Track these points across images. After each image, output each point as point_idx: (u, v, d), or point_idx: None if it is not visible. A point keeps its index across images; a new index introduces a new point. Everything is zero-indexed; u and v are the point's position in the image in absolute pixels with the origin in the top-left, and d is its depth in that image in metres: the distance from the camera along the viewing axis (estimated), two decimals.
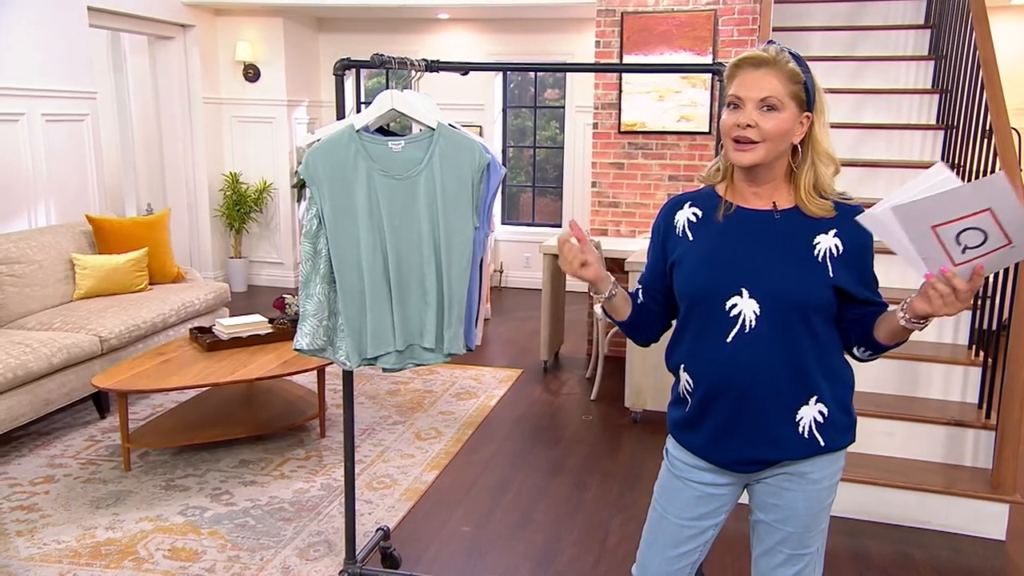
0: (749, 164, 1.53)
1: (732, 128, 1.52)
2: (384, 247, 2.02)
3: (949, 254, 1.37)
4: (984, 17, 3.56)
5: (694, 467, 1.69)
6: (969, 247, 1.36)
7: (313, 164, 1.95)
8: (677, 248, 1.65)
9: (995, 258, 1.38)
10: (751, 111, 1.50)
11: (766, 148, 1.51)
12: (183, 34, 6.22)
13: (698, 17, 4.68)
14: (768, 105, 1.50)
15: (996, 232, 1.34)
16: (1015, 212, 1.31)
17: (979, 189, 1.32)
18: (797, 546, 1.67)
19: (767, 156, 1.52)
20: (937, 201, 1.32)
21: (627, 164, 5.00)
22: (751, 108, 1.50)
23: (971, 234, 1.34)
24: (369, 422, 3.94)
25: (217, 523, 2.89)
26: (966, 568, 2.72)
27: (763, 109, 1.50)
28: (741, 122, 1.50)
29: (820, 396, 1.59)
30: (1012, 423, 2.85)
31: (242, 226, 6.72)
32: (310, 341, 2.04)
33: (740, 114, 1.50)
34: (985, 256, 1.37)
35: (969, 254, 1.36)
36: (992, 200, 1.31)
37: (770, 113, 1.50)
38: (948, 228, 1.34)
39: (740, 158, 1.52)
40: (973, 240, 1.35)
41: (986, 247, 1.35)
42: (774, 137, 1.51)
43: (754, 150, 1.51)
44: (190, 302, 4.44)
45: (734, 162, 1.55)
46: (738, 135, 1.51)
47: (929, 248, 1.37)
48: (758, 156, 1.51)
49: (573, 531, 2.95)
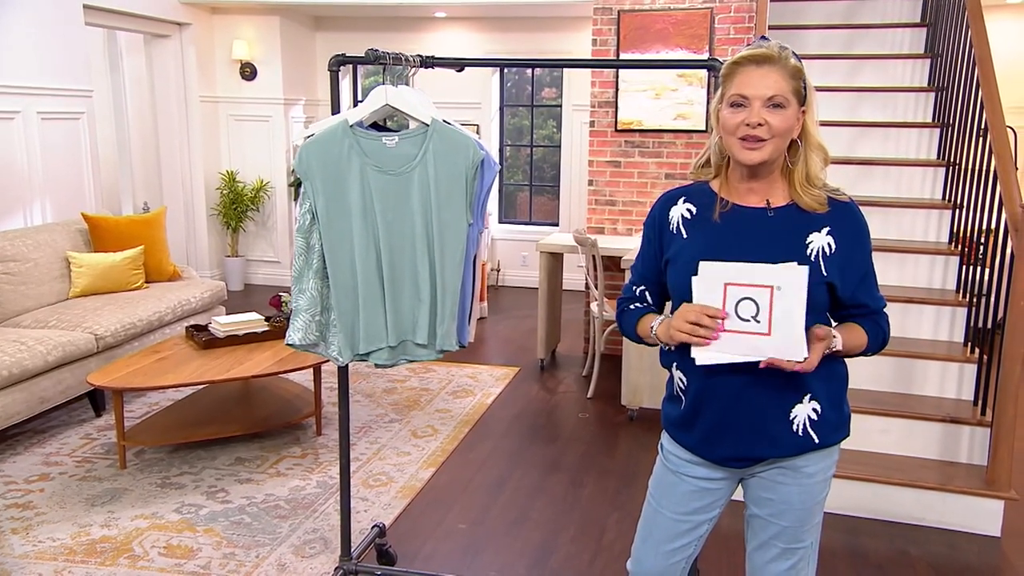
0: (758, 162, 1.52)
1: (739, 127, 1.50)
2: (377, 242, 2.02)
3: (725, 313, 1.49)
4: (980, 15, 3.56)
5: (688, 462, 1.70)
6: (741, 317, 1.48)
7: (307, 159, 1.95)
8: (672, 245, 1.65)
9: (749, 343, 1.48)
10: (759, 109, 1.49)
11: (774, 145, 1.51)
12: (179, 32, 6.21)
13: (694, 15, 4.68)
14: (775, 103, 1.49)
15: (765, 314, 1.46)
16: (793, 306, 1.45)
17: (781, 270, 1.46)
18: (791, 540, 1.67)
19: (774, 153, 1.52)
20: (743, 267, 1.48)
21: (624, 162, 5.00)
22: (759, 106, 1.49)
23: (747, 304, 1.47)
24: (365, 420, 3.94)
25: (213, 520, 2.89)
26: (962, 565, 2.72)
27: (770, 107, 1.49)
28: (751, 121, 1.49)
29: (814, 394, 1.59)
30: (1007, 420, 2.85)
31: (239, 225, 6.71)
32: (302, 336, 2.04)
33: (747, 113, 1.49)
34: (743, 335, 1.48)
35: (736, 324, 1.48)
36: (784, 282, 1.45)
37: (777, 111, 1.50)
38: (735, 290, 1.48)
39: (750, 156, 1.52)
40: (746, 312, 1.47)
41: (750, 327, 1.47)
42: (782, 134, 1.51)
43: (763, 148, 1.51)
44: (186, 300, 4.44)
45: (743, 160, 1.53)
46: (747, 134, 1.50)
47: (712, 302, 1.49)
48: (767, 153, 1.51)
49: (570, 528, 2.95)
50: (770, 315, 1.46)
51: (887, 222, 3.83)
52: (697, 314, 1.48)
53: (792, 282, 1.45)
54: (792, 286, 1.45)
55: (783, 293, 1.45)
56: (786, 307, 1.45)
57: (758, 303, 1.46)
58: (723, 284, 1.47)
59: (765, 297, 1.46)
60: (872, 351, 1.63)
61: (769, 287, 1.45)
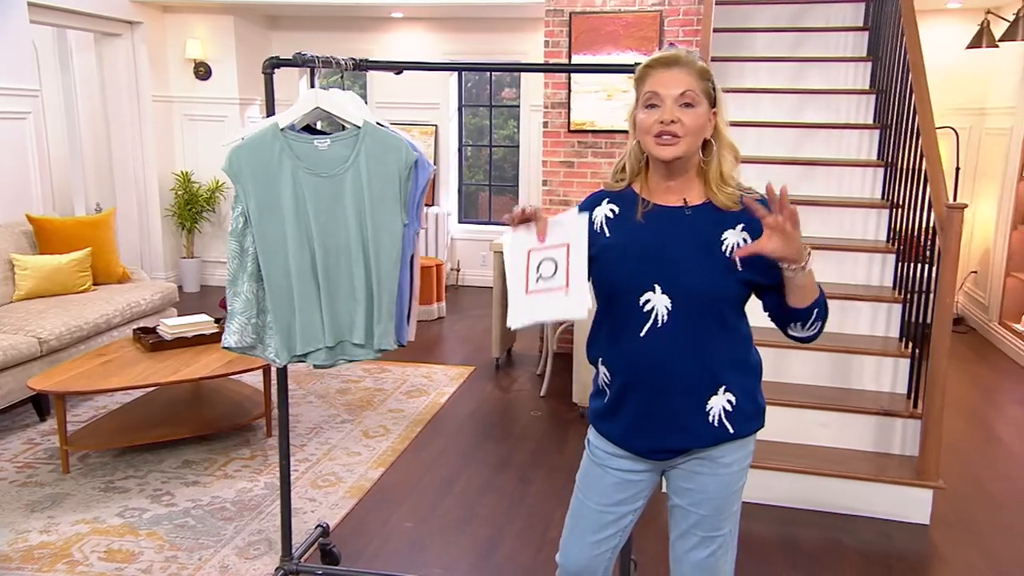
0: (672, 157, 1.58)
1: (654, 125, 1.57)
2: (311, 244, 2.03)
3: (528, 280, 1.55)
4: (913, 21, 3.68)
5: (612, 455, 1.74)
6: (543, 277, 1.54)
7: (236, 162, 1.96)
8: (595, 244, 1.69)
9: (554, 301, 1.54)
10: (672, 107, 1.55)
11: (687, 142, 1.57)
12: (131, 31, 6.13)
13: (644, 17, 4.76)
14: (686, 101, 1.56)
15: (562, 270, 1.52)
16: (582, 255, 1.51)
17: (569, 221, 1.53)
18: (710, 528, 1.73)
19: (688, 149, 1.58)
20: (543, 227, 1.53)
21: (577, 163, 5.06)
22: (671, 104, 1.55)
23: (547, 265, 1.53)
24: (317, 421, 3.94)
25: (156, 524, 2.87)
26: (891, 552, 2.82)
27: (682, 105, 1.55)
28: (665, 118, 1.55)
29: (728, 386, 1.64)
30: (935, 412, 2.95)
31: (194, 226, 6.65)
32: (238, 339, 2.05)
33: (661, 111, 1.56)
34: (548, 294, 1.54)
35: (540, 285, 1.54)
36: (572, 236, 1.52)
37: (688, 109, 1.56)
38: (536, 253, 1.54)
39: (664, 152, 1.57)
40: (547, 271, 1.54)
41: (552, 282, 1.54)
42: (695, 131, 1.57)
43: (677, 144, 1.57)
44: (135, 302, 4.39)
45: (659, 156, 1.59)
46: (661, 130, 1.56)
47: (519, 268, 1.55)
48: (681, 150, 1.57)
49: (516, 524, 2.99)
50: (567, 272, 1.53)
51: (828, 221, 3.93)
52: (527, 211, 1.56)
53: (578, 233, 1.53)
54: (579, 238, 1.53)
55: (575, 248, 1.52)
56: (577, 262, 1.53)
57: (556, 261, 1.53)
58: (526, 251, 1.55)
59: (562, 255, 1.53)
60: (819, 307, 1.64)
61: (565, 245, 1.53)
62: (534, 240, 1.54)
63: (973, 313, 5.89)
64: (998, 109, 5.67)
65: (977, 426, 4.05)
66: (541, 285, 1.54)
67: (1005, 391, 4.61)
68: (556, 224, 1.54)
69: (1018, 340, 5.08)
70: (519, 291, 1.56)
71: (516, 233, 1.55)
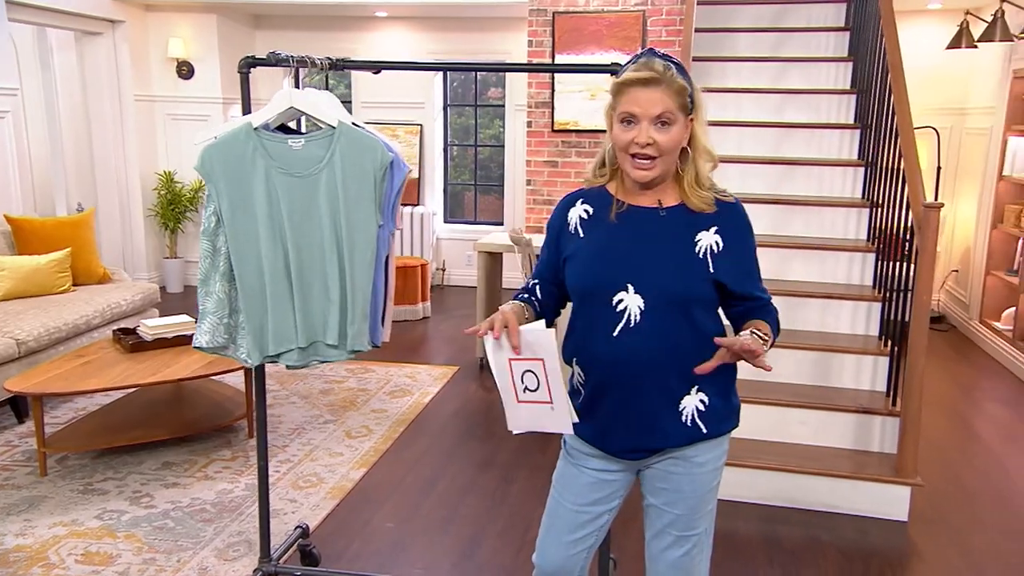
0: (648, 180, 1.59)
1: (630, 145, 1.56)
2: (285, 244, 2.02)
3: (516, 389, 1.54)
4: (892, 22, 3.70)
5: (588, 455, 1.75)
6: (529, 389, 1.53)
7: (209, 161, 1.95)
8: (569, 245, 1.70)
9: (543, 414, 1.53)
10: (647, 128, 1.54)
11: (663, 163, 1.58)
12: (112, 30, 6.08)
13: (627, 17, 4.77)
14: (663, 120, 1.55)
15: (544, 385, 1.51)
16: (556, 372, 1.49)
17: (534, 335, 1.50)
18: (684, 528, 1.73)
19: (664, 169, 1.59)
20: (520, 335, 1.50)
21: (561, 162, 5.07)
22: (647, 125, 1.55)
23: (530, 377, 1.52)
24: (300, 421, 3.92)
25: (135, 526, 2.85)
26: (870, 549, 2.84)
27: (658, 125, 1.55)
28: (640, 140, 1.55)
29: (701, 386, 1.65)
30: (913, 410, 2.97)
31: (177, 226, 6.61)
32: (210, 339, 2.04)
33: (636, 131, 1.55)
34: (536, 405, 1.53)
35: (528, 396, 1.53)
36: (543, 352, 1.49)
37: (664, 128, 1.55)
38: (517, 364, 1.52)
39: (641, 176, 1.58)
40: (531, 383, 1.53)
41: (538, 395, 1.52)
42: (671, 151, 1.58)
43: (654, 167, 1.58)
44: (116, 303, 4.36)
45: (634, 178, 1.60)
46: (637, 152, 1.56)
47: (505, 378, 1.53)
48: (657, 171, 1.58)
49: (498, 523, 2.99)
50: (548, 385, 1.51)
51: (809, 220, 3.96)
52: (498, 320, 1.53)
53: (550, 349, 1.50)
54: (551, 354, 1.50)
55: (549, 364, 1.50)
56: (554, 378, 1.51)
57: (536, 374, 1.52)
58: (507, 359, 1.53)
59: (540, 368, 1.51)
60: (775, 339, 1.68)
61: (540, 360, 1.50)
62: (511, 351, 1.52)
63: (954, 311, 5.94)
64: (978, 109, 5.72)
65: (956, 423, 4.08)
66: (529, 396, 1.54)
67: (984, 389, 4.65)
68: (528, 335, 1.51)
69: (998, 338, 5.13)
70: (511, 400, 1.57)
71: (495, 342, 1.53)
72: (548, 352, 1.50)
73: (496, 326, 1.53)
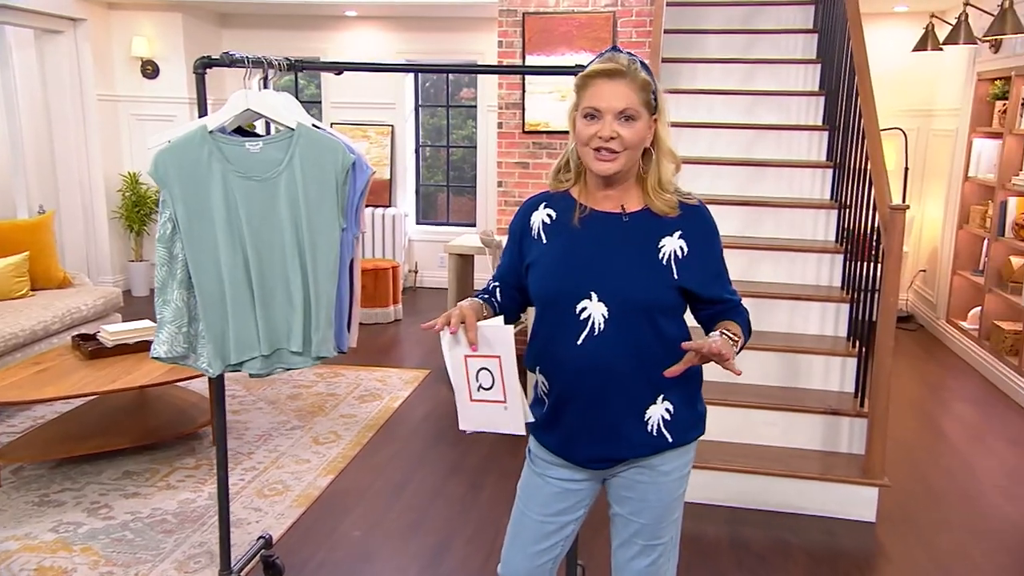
0: (611, 173, 1.56)
1: (593, 139, 1.54)
2: (244, 250, 1.97)
3: (470, 387, 1.51)
4: (859, 24, 3.72)
5: (552, 464, 1.72)
6: (483, 387, 1.51)
7: (163, 166, 1.89)
8: (532, 251, 1.67)
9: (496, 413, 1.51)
10: (611, 122, 1.52)
11: (627, 156, 1.55)
12: (73, 28, 5.94)
13: (597, 18, 4.75)
14: (627, 115, 1.53)
15: (499, 383, 1.49)
16: (512, 370, 1.47)
17: (493, 331, 1.48)
18: (651, 537, 1.71)
19: (627, 164, 1.57)
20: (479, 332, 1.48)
21: (532, 164, 5.03)
22: (610, 119, 1.52)
23: (485, 375, 1.50)
24: (266, 428, 3.85)
25: (92, 538, 2.77)
26: (838, 550, 2.84)
27: (621, 120, 1.53)
28: (603, 134, 1.52)
29: (666, 395, 1.63)
30: (880, 410, 2.99)
31: (142, 228, 6.48)
32: (168, 349, 1.98)
33: (600, 125, 1.53)
34: (489, 404, 1.51)
35: (482, 394, 1.51)
36: (501, 348, 1.47)
37: (628, 123, 1.53)
38: (473, 361, 1.49)
39: (603, 168, 1.55)
40: (486, 381, 1.50)
41: (492, 394, 1.50)
42: (635, 145, 1.55)
43: (616, 160, 1.55)
44: (76, 308, 4.26)
45: (596, 172, 1.57)
46: (600, 146, 1.53)
47: (460, 375, 1.51)
48: (619, 165, 1.55)
49: (466, 530, 2.95)
50: (503, 385, 1.49)
51: (779, 221, 3.97)
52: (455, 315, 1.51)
53: (507, 346, 1.47)
54: (508, 351, 1.48)
55: (506, 361, 1.48)
56: (510, 376, 1.49)
57: (492, 373, 1.49)
58: (463, 356, 1.50)
59: (496, 366, 1.48)
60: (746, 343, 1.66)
61: (496, 356, 1.47)
62: (468, 347, 1.49)
63: (922, 311, 6.01)
64: (944, 111, 5.79)
65: (924, 423, 4.12)
66: (482, 395, 1.51)
67: (951, 388, 4.71)
68: (485, 331, 1.49)
69: (964, 337, 5.19)
70: (464, 398, 1.53)
71: (451, 337, 1.50)
72: (505, 349, 1.48)
73: (453, 321, 1.50)
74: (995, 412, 4.29)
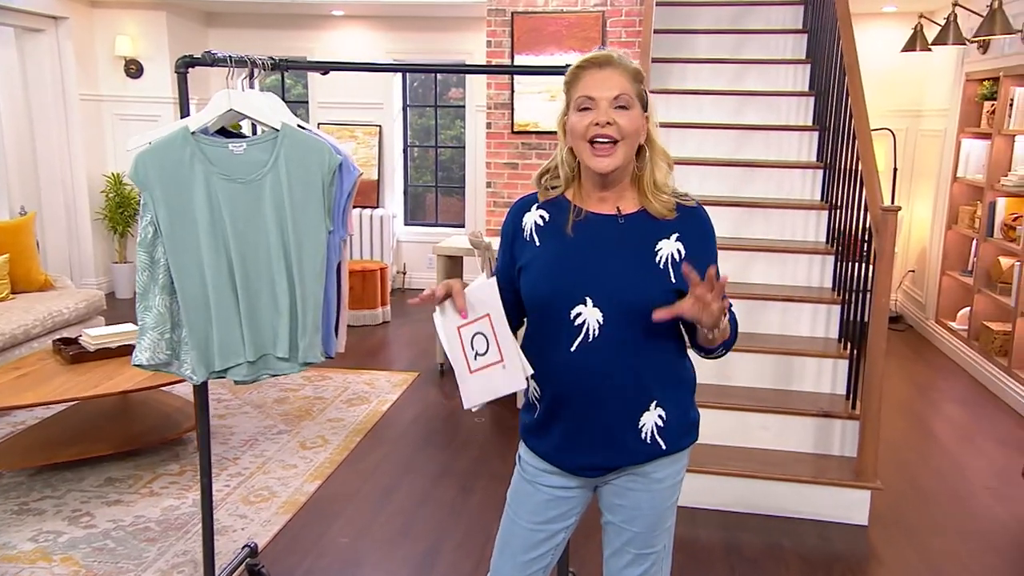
0: (610, 169, 1.51)
1: (589, 128, 1.49)
2: (228, 254, 1.92)
3: (467, 359, 1.49)
4: (849, 24, 3.71)
5: (543, 471, 1.68)
6: (479, 354, 1.49)
7: (143, 169, 1.83)
8: (524, 253, 1.62)
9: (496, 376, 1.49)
10: (607, 109, 1.48)
11: (625, 148, 1.51)
12: (55, 27, 5.85)
13: (586, 18, 4.73)
14: (621, 103, 1.49)
15: (493, 343, 1.47)
16: (503, 324, 1.45)
17: (478, 291, 1.46)
18: (643, 546, 1.68)
19: (625, 159, 1.52)
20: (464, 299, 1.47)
21: (521, 164, 5.01)
22: (605, 106, 1.48)
23: (479, 340, 1.48)
24: (252, 432, 3.80)
25: (72, 548, 2.71)
26: (831, 554, 2.82)
27: (617, 108, 1.49)
28: (600, 120, 1.48)
29: (659, 401, 1.59)
30: (872, 413, 2.97)
31: (126, 229, 6.39)
32: (150, 356, 1.93)
33: (595, 114, 1.49)
34: (488, 369, 1.48)
35: (479, 362, 1.49)
36: (489, 307, 1.45)
37: (623, 111, 1.50)
38: (466, 330, 1.48)
39: (601, 163, 1.51)
40: (480, 347, 1.49)
41: (488, 357, 1.48)
42: (631, 134, 1.51)
43: (615, 152, 1.50)
44: (58, 311, 4.18)
45: (595, 168, 1.52)
46: (597, 134, 1.49)
47: (456, 350, 1.49)
48: (618, 160, 1.51)
49: (456, 536, 2.91)
50: (497, 342, 1.47)
51: (769, 223, 3.95)
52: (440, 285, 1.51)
53: (493, 300, 1.46)
54: (495, 305, 1.46)
55: (495, 316, 1.46)
56: (502, 331, 1.47)
57: (485, 335, 1.47)
58: (456, 328, 1.48)
59: (487, 326, 1.47)
60: (730, 345, 1.63)
61: (486, 315, 1.46)
62: (459, 316, 1.48)
63: (911, 311, 6.02)
64: (932, 111, 5.80)
65: (914, 424, 4.12)
66: (480, 362, 1.49)
67: (941, 388, 4.71)
68: (471, 294, 1.48)
69: (953, 338, 5.20)
70: (464, 372, 1.51)
71: (442, 313, 1.49)
72: (493, 306, 1.47)
73: (439, 290, 1.50)
74: (984, 412, 4.29)
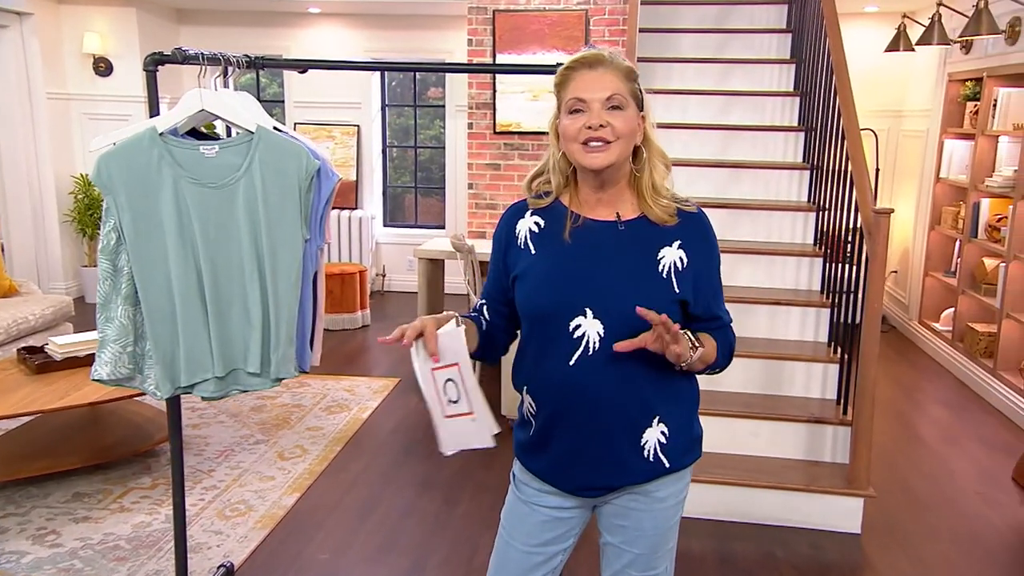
0: (603, 166, 1.43)
1: (581, 131, 1.42)
2: (198, 263, 1.81)
3: (442, 403, 1.41)
4: (835, 24, 3.66)
5: (540, 491, 1.59)
6: (451, 400, 1.40)
7: (107, 171, 1.72)
8: (519, 262, 1.53)
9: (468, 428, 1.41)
10: (599, 111, 1.41)
11: (619, 147, 1.43)
12: (19, 23, 5.66)
13: (569, 16, 4.64)
14: (614, 104, 1.42)
15: (463, 394, 1.39)
16: (470, 376, 1.37)
17: (447, 338, 1.36)
18: (644, 568, 1.60)
19: (620, 156, 1.44)
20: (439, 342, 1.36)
21: (503, 165, 4.91)
22: (598, 108, 1.41)
23: (451, 387, 1.39)
24: (228, 442, 3.67)
25: (37, 569, 2.58)
26: (824, 564, 2.77)
27: (610, 108, 1.41)
28: (592, 123, 1.40)
29: (662, 417, 1.51)
30: (864, 419, 2.92)
31: (96, 232, 6.20)
32: (111, 371, 1.81)
33: (588, 116, 1.41)
34: (460, 419, 1.40)
35: (452, 409, 1.41)
36: (457, 355, 1.37)
37: (617, 112, 1.42)
38: (439, 373, 1.39)
39: (595, 160, 1.43)
40: (452, 394, 1.40)
41: (460, 407, 1.40)
42: (626, 135, 1.43)
43: (608, 150, 1.42)
44: (23, 318, 4.02)
45: (588, 165, 1.44)
46: (590, 136, 1.41)
47: (431, 391, 1.40)
48: (612, 156, 1.43)
49: (441, 550, 2.82)
50: (467, 394, 1.39)
51: (756, 224, 3.90)
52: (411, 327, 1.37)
53: (461, 350, 1.37)
54: (463, 356, 1.37)
55: (464, 367, 1.37)
56: (470, 383, 1.38)
57: (456, 383, 1.38)
58: (430, 370, 1.38)
59: (457, 375, 1.37)
60: (719, 367, 1.56)
61: (456, 364, 1.36)
62: (431, 359, 1.37)
63: (894, 312, 6.02)
64: (915, 112, 5.79)
65: (901, 426, 4.09)
66: (453, 410, 1.40)
67: (925, 390, 4.69)
68: (441, 339, 1.37)
69: (937, 339, 5.19)
70: (439, 416, 1.42)
71: (417, 352, 1.37)
72: (462, 356, 1.36)
73: (408, 333, 1.36)
74: (969, 414, 4.27)
